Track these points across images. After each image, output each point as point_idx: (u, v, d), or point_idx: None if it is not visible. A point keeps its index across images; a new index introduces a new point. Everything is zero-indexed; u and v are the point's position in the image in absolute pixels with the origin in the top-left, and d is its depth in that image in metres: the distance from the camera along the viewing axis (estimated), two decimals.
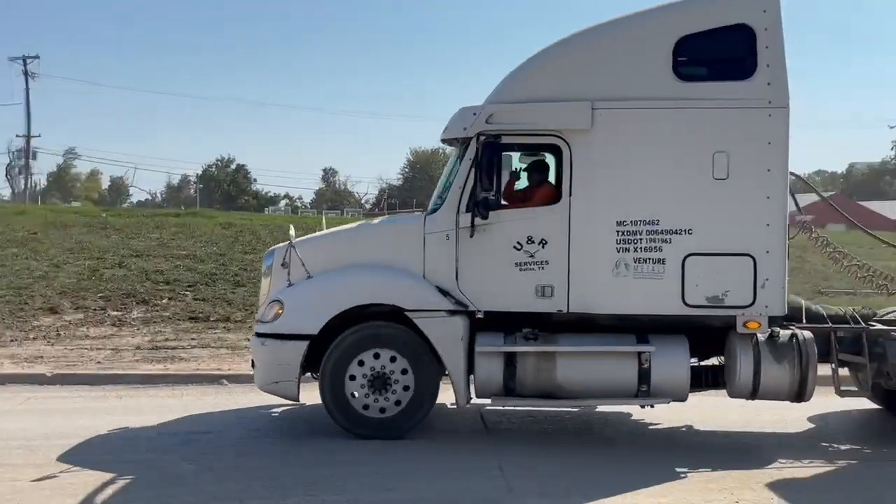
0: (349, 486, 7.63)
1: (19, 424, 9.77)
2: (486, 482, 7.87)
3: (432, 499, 7.41)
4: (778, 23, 9.10)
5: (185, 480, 7.79)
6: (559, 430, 10.07)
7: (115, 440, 9.24)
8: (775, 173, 9.11)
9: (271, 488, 7.57)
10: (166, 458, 8.49)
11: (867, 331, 9.67)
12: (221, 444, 9.07)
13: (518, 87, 9.31)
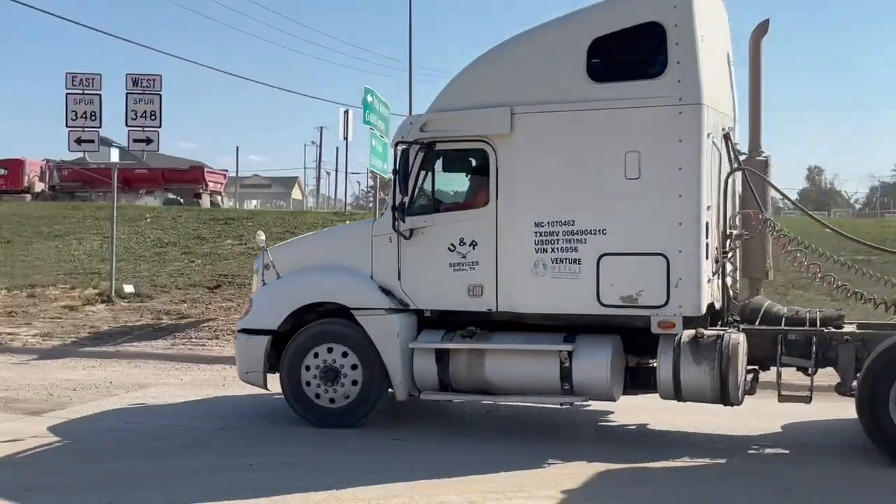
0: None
1: None
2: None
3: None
4: (689, 18, 8.94)
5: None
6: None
7: None
8: (687, 171, 8.96)
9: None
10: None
11: (818, 334, 9.18)
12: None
13: (450, 97, 9.82)
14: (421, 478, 7.98)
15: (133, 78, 19.19)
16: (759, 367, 9.55)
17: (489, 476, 8.09)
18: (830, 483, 8.06)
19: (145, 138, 19.37)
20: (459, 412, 10.85)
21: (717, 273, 9.50)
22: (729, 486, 7.93)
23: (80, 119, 19.31)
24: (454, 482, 7.88)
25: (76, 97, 19.32)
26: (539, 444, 9.42)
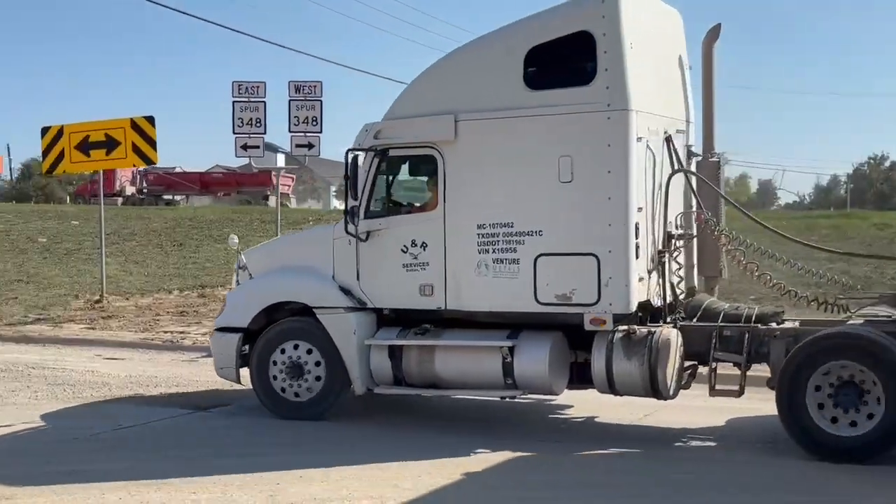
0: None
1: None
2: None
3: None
4: (617, 27, 9.28)
5: None
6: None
7: None
8: (616, 174, 9.30)
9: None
10: None
11: (752, 330, 9.45)
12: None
13: (402, 105, 10.31)
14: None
15: (295, 85, 19.46)
16: (697, 362, 9.83)
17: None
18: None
19: (307, 143, 19.61)
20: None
21: (657, 272, 9.81)
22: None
23: (245, 126, 19.63)
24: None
25: (242, 104, 19.62)
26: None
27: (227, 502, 7.46)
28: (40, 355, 15.14)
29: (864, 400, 8.55)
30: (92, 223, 23.57)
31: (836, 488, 7.88)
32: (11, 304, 18.72)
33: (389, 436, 9.92)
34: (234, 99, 19.60)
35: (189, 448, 9.44)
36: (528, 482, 8.16)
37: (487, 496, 7.81)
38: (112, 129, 17.64)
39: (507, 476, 8.38)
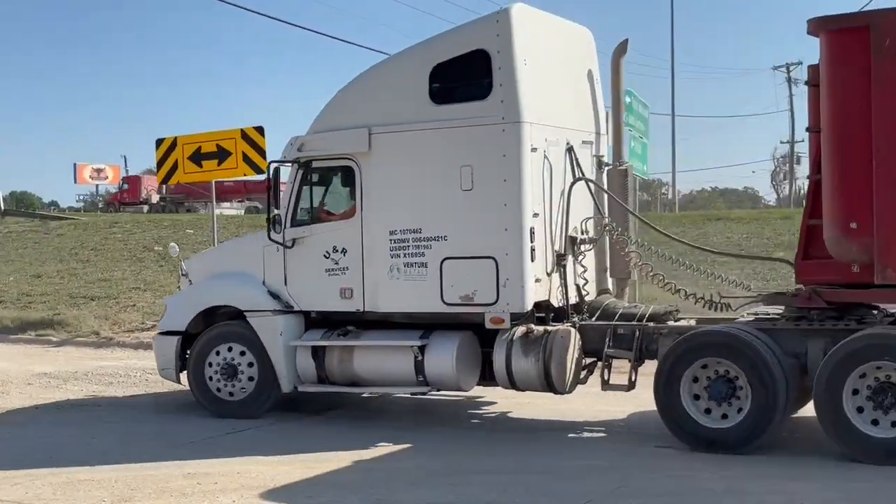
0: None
1: None
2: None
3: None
4: (509, 45, 9.91)
5: None
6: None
7: None
8: (511, 182, 9.93)
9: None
10: None
11: (642, 328, 10.03)
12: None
13: (323, 120, 10.99)
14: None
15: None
16: (596, 358, 10.40)
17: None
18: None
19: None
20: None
21: (558, 274, 10.40)
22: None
23: None
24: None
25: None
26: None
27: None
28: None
29: (736, 394, 9.08)
30: (206, 231, 24.18)
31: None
32: (130, 311, 19.06)
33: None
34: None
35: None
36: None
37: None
38: (223, 139, 17.56)
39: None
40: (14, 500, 7.79)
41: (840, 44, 8.30)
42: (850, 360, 8.51)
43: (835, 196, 8.49)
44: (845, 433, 8.56)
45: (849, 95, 8.26)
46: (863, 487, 7.84)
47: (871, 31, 8.04)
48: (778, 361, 8.90)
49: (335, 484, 8.24)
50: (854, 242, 8.42)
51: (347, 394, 11.21)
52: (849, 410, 8.54)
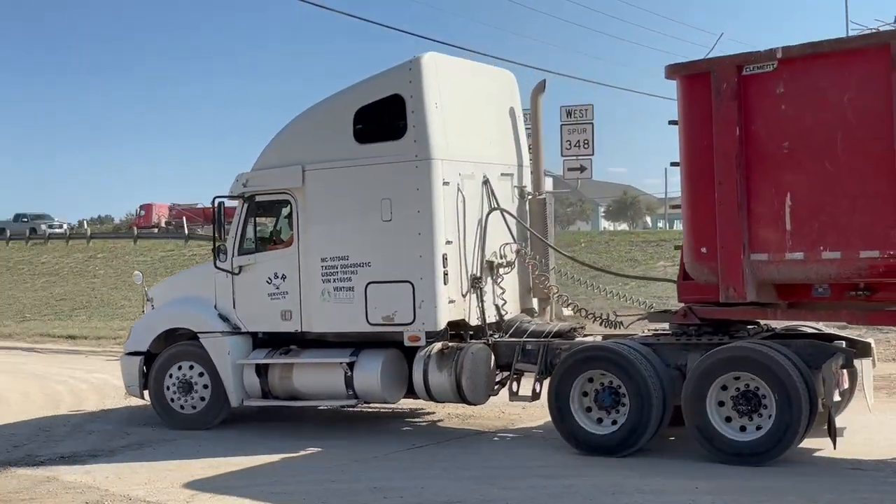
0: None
1: None
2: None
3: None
4: (420, 91, 10.98)
5: None
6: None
7: None
8: (424, 214, 10.98)
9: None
10: None
11: (546, 345, 11.01)
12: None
13: (265, 158, 12.12)
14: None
15: (567, 109, 19.53)
16: (509, 372, 11.38)
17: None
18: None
19: (579, 167, 19.53)
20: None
21: (475, 295, 11.42)
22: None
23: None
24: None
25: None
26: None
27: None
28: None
29: (622, 402, 10.03)
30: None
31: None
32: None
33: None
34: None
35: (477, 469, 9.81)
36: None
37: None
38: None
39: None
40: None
41: (689, 87, 9.28)
42: (710, 371, 9.42)
43: (688, 224, 9.48)
44: (710, 437, 9.46)
45: (697, 134, 9.24)
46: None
47: (712, 76, 9.02)
48: (656, 372, 9.83)
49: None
50: (705, 266, 9.37)
51: (288, 407, 12.23)
52: (713, 417, 9.43)
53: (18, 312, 29.98)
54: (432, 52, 11.26)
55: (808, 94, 8.68)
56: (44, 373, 16.77)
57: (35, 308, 30.47)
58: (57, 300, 30.79)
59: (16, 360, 21.09)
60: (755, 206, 8.98)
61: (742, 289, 9.07)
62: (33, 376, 17.76)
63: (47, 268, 37.50)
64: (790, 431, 9.09)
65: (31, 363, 20.31)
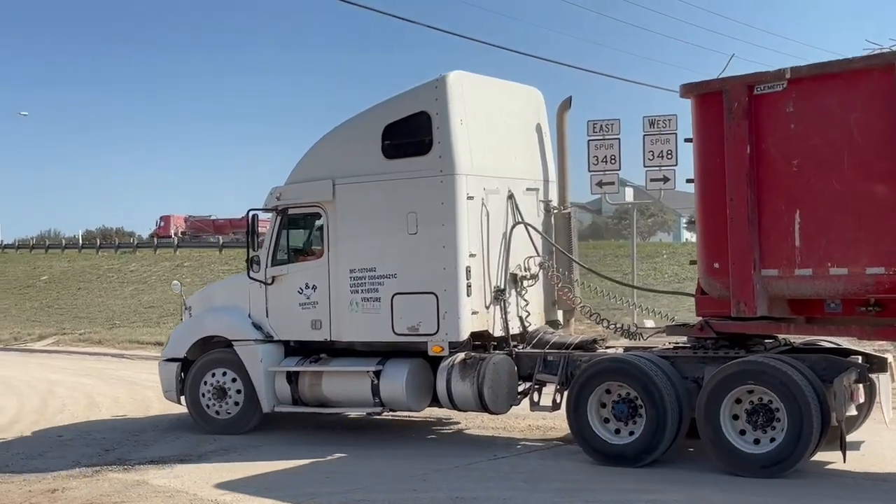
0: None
1: None
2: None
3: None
4: (445, 108, 11.33)
5: None
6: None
7: None
8: (448, 227, 11.33)
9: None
10: None
11: (567, 356, 11.28)
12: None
13: (297, 172, 12.54)
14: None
15: (650, 119, 19.21)
16: (531, 382, 11.66)
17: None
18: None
19: (662, 177, 19.25)
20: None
21: (498, 307, 11.73)
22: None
23: (600, 163, 19.37)
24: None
25: (597, 143, 19.38)
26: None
27: None
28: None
29: (639, 413, 10.27)
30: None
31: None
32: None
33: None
34: (589, 138, 19.41)
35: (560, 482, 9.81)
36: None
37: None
38: None
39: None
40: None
41: (702, 106, 9.55)
42: (724, 384, 9.63)
43: (702, 239, 9.72)
44: (722, 449, 9.67)
45: (709, 151, 9.50)
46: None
47: (724, 96, 9.28)
48: (672, 385, 10.06)
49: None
50: (717, 280, 9.61)
51: (318, 414, 12.62)
52: (726, 429, 9.64)
53: (108, 319, 30.77)
54: (458, 71, 11.59)
55: (816, 114, 8.92)
56: (133, 378, 17.30)
57: (124, 315, 31.26)
58: (145, 308, 31.59)
59: (105, 366, 21.80)
60: (765, 223, 9.21)
61: (753, 304, 9.29)
62: (123, 381, 18.36)
63: (136, 276, 38.50)
64: (802, 445, 9.27)
65: (121, 369, 20.93)
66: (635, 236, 21.15)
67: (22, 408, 15.72)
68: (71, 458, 11.48)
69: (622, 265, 25.56)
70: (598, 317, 11.64)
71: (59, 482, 10.18)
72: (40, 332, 29.43)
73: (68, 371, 20.85)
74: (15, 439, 13.02)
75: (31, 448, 12.24)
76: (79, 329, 29.33)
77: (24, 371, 20.86)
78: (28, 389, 17.74)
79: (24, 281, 40.90)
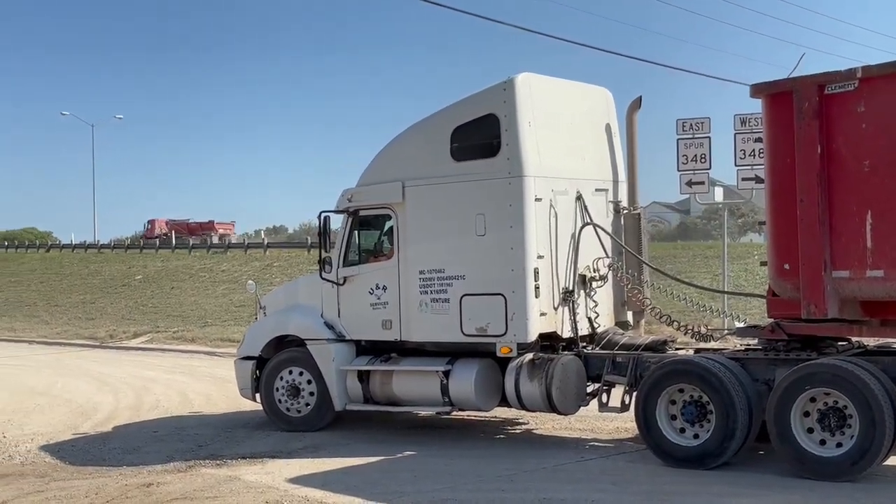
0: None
1: None
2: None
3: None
4: (514, 110, 11.34)
5: None
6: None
7: None
8: (516, 229, 11.34)
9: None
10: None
11: (636, 357, 11.21)
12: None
13: (368, 175, 12.69)
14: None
15: (741, 118, 18.85)
16: (600, 383, 11.61)
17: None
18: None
19: (754, 176, 18.63)
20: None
21: (566, 308, 11.70)
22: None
23: (690, 162, 19.16)
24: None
25: (686, 142, 19.13)
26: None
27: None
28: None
29: (707, 417, 10.16)
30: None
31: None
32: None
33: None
34: (679, 137, 19.16)
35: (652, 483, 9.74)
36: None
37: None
38: None
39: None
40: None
41: (773, 106, 9.39)
42: (795, 386, 9.47)
43: (773, 240, 9.55)
44: (792, 452, 9.51)
45: (780, 152, 9.33)
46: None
47: (794, 96, 9.11)
48: (742, 387, 9.93)
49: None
50: (788, 282, 9.44)
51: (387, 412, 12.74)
52: (796, 431, 9.48)
53: (200, 318, 31.48)
54: (526, 73, 11.59)
55: (888, 113, 8.70)
56: (224, 375, 17.71)
57: (216, 314, 31.94)
58: (236, 307, 32.21)
59: (198, 364, 22.31)
60: (836, 224, 9.03)
61: (823, 305, 9.11)
62: (214, 379, 18.81)
63: (227, 275, 39.31)
64: (873, 449, 9.08)
65: (213, 366, 21.35)
66: (726, 237, 20.81)
67: (118, 404, 16.19)
68: (165, 453, 11.83)
69: (712, 266, 25.23)
70: (668, 318, 11.52)
71: (154, 477, 10.49)
72: (135, 330, 30.17)
73: (162, 368, 21.38)
74: (112, 434, 13.44)
75: (127, 443, 12.64)
76: (172, 327, 29.99)
77: (120, 368, 21.43)
78: (124, 386, 18.26)
79: (119, 280, 41.99)
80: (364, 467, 10.76)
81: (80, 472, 10.97)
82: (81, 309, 36.70)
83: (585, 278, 12.00)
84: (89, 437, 13.26)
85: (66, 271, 46.55)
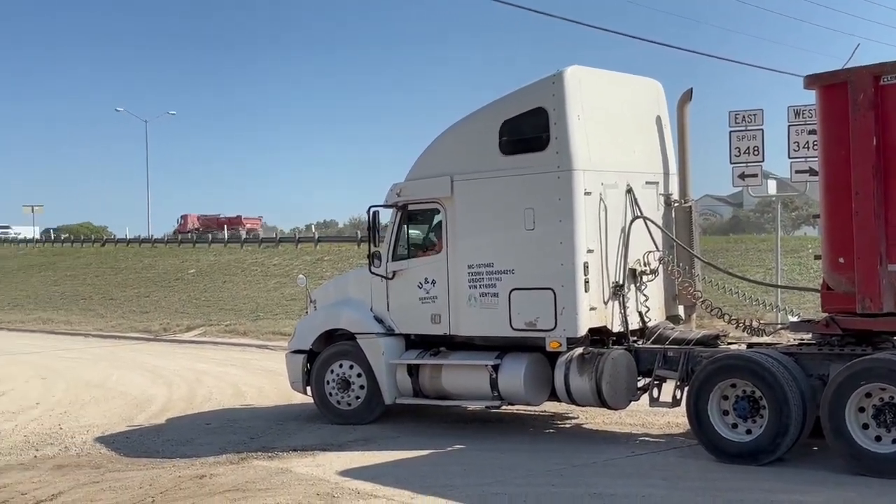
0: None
1: None
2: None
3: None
4: (562, 103, 11.28)
5: None
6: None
7: None
8: (565, 223, 11.28)
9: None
10: None
11: (688, 352, 11.11)
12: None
13: (416, 169, 12.69)
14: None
15: (795, 109, 18.48)
16: (651, 378, 11.52)
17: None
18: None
19: (808, 169, 18.27)
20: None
21: (617, 302, 11.63)
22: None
23: (743, 155, 18.76)
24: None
25: (739, 134, 18.71)
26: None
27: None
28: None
29: (760, 412, 10.03)
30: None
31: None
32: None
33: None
34: (731, 129, 18.79)
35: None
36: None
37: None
38: None
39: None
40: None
41: (827, 97, 9.23)
42: (849, 382, 9.32)
43: (827, 234, 9.40)
44: (847, 448, 9.37)
45: (835, 143, 9.18)
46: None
47: (849, 86, 8.95)
48: (796, 382, 9.80)
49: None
50: (842, 276, 9.29)
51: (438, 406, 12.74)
52: (851, 427, 9.33)
53: (252, 311, 31.79)
54: (575, 66, 11.51)
55: None
56: (276, 369, 17.82)
57: (267, 307, 32.22)
58: (288, 300, 32.43)
59: (250, 357, 22.57)
60: (892, 216, 8.89)
61: (879, 299, 8.97)
62: (266, 372, 18.98)
63: (278, 269, 39.59)
64: None
65: (264, 360, 21.53)
66: (779, 230, 20.57)
67: (171, 396, 16.41)
68: (218, 445, 11.97)
69: (765, 260, 24.93)
70: (720, 312, 11.40)
71: (207, 468, 10.62)
72: (188, 323, 30.59)
73: (214, 361, 21.64)
74: (165, 426, 13.62)
75: (181, 435, 12.81)
76: (224, 321, 30.35)
77: (173, 361, 21.73)
78: (177, 379, 18.52)
79: (173, 274, 42.52)
80: (414, 460, 10.79)
81: (134, 463, 11.15)
82: (136, 302, 37.23)
83: (636, 272, 11.91)
84: (143, 428, 13.46)
85: (121, 265, 47.31)
